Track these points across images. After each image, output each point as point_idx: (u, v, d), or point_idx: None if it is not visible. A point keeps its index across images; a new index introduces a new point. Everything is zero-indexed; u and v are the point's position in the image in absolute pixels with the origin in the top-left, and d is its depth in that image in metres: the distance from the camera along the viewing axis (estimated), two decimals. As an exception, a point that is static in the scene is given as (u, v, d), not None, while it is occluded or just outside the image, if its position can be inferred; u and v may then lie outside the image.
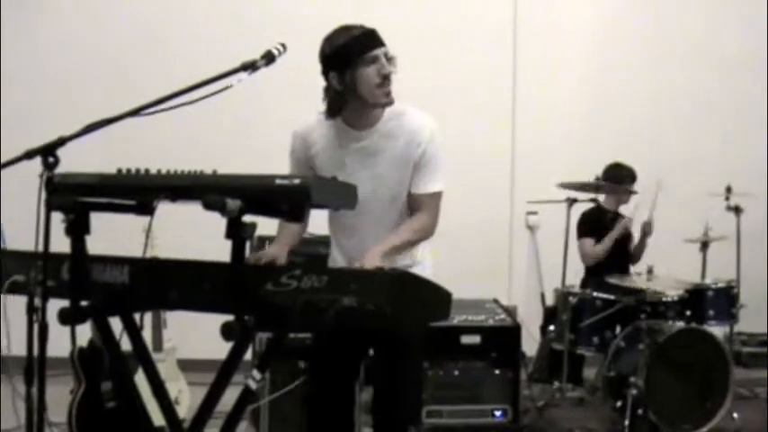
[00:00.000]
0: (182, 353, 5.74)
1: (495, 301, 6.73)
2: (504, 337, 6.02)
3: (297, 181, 2.79)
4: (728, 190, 6.81)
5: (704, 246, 6.65)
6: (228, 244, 2.86)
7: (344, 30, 3.63)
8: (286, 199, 2.82)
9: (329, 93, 3.68)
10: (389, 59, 3.62)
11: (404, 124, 3.74)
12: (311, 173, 3.75)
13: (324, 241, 4.26)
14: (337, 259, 3.93)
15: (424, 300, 3.07)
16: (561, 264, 6.44)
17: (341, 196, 3.02)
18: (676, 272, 6.44)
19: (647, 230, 6.85)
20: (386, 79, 3.62)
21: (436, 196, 3.81)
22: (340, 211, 3.72)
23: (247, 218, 2.82)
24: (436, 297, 3.17)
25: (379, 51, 3.60)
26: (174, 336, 5.63)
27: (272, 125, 5.37)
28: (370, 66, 3.59)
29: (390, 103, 3.69)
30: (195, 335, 4.91)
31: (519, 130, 7.99)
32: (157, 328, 5.52)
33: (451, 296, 3.23)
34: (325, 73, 3.65)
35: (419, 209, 3.79)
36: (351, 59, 3.58)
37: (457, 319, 6.02)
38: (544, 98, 7.96)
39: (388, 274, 2.92)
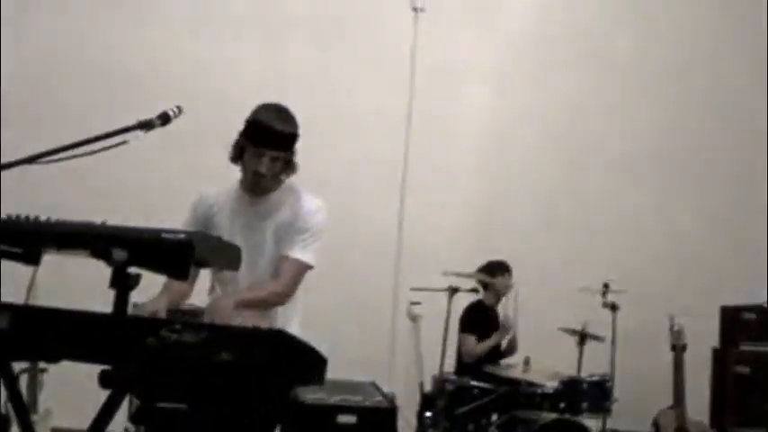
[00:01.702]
0: (57, 420, 5.75)
1: (373, 384, 6.92)
2: (379, 418, 6.19)
3: (182, 236, 2.94)
4: (606, 286, 7.17)
5: (581, 340, 6.98)
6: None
7: (265, 110, 4.02)
8: (170, 253, 2.98)
9: (239, 142, 4.02)
10: (275, 160, 3.98)
11: (295, 197, 4.12)
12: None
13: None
14: None
15: (299, 361, 3.22)
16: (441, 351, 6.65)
17: (225, 256, 3.21)
18: (553, 364, 6.72)
19: (512, 348, 7.27)
20: (256, 176, 4.00)
21: (302, 266, 4.07)
22: (222, 272, 3.96)
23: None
24: (312, 360, 3.33)
25: (265, 152, 3.97)
26: (50, 400, 5.64)
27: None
28: (253, 157, 3.99)
29: (260, 194, 4.08)
30: (73, 401, 4.93)
31: (406, 220, 8.25)
32: (32, 388, 5.52)
33: (327, 362, 3.39)
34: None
35: (281, 272, 4.04)
36: (247, 141, 3.98)
37: (334, 398, 6.18)
38: (433, 190, 8.27)
39: (266, 331, 3.08)
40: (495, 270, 7.28)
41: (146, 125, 3.19)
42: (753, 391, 7.80)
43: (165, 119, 3.29)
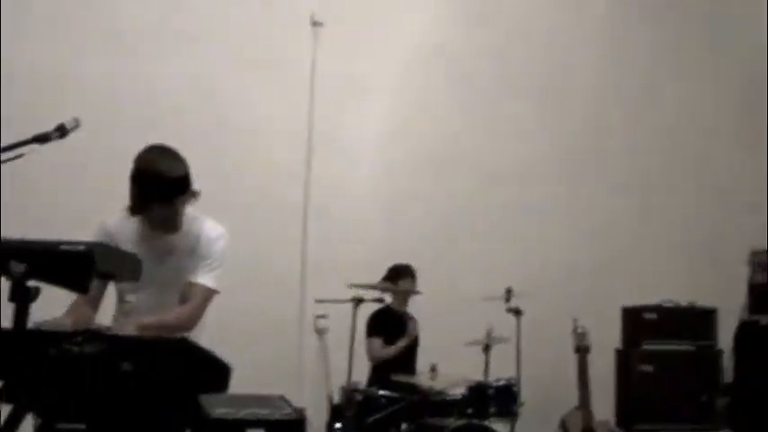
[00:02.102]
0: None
1: (282, 397, 6.95)
2: (289, 430, 6.23)
3: (81, 247, 2.98)
4: (509, 292, 7.34)
5: (486, 347, 7.12)
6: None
7: (156, 158, 4.01)
8: (70, 265, 3.01)
9: (132, 194, 4.00)
10: (181, 202, 4.05)
11: (197, 226, 4.20)
12: None
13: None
14: None
15: (203, 369, 3.28)
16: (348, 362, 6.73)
17: (126, 266, 3.26)
18: (460, 370, 6.85)
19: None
20: (166, 222, 4.10)
21: (208, 292, 4.16)
22: (126, 298, 3.98)
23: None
24: (215, 368, 3.39)
25: (174, 200, 4.03)
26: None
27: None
28: (160, 208, 4.03)
29: (171, 232, 4.14)
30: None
31: (311, 234, 8.33)
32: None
33: (231, 370, 3.46)
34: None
35: (188, 298, 4.13)
36: (149, 196, 3.99)
37: (242, 412, 6.20)
38: (336, 203, 8.37)
39: (166, 340, 3.14)
40: (399, 274, 7.43)
41: (42, 138, 3.22)
42: (657, 388, 8.05)
43: (62, 131, 3.32)
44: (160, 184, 3.95)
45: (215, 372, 3.39)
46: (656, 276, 8.82)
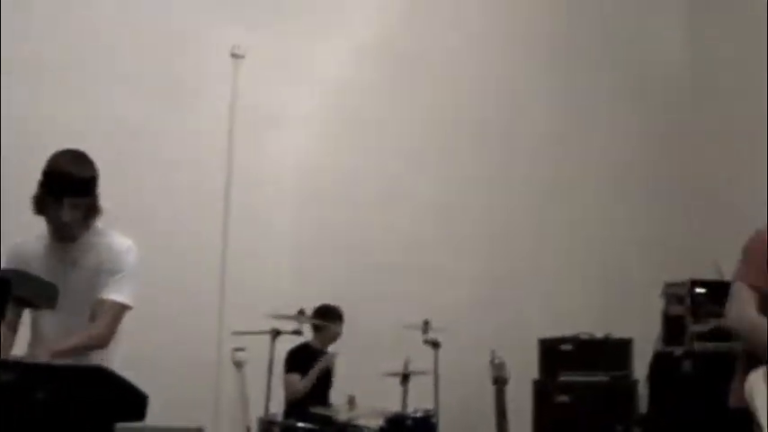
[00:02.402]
0: None
1: (200, 429, 6.96)
2: (206, 463, 6.25)
3: (-4, 274, 3.01)
4: (426, 324, 7.44)
5: (404, 378, 7.21)
6: None
7: (60, 157, 4.08)
8: (-15, 292, 3.05)
9: (39, 193, 4.06)
10: (75, 206, 4.04)
11: (104, 239, 4.20)
12: None
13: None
14: None
15: (119, 397, 3.31)
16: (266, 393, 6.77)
17: (42, 292, 3.29)
18: (378, 402, 6.92)
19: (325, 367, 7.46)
20: (59, 225, 4.07)
21: (119, 307, 4.14)
22: (39, 322, 3.99)
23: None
24: (131, 396, 3.42)
25: (65, 199, 4.02)
26: None
27: None
28: (53, 207, 4.04)
29: (68, 241, 4.14)
30: None
31: (229, 265, 8.35)
32: None
33: (147, 398, 3.49)
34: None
35: (99, 315, 4.10)
36: (45, 191, 4.04)
37: (159, 446, 6.20)
38: (255, 236, 8.41)
39: (81, 367, 3.16)
40: (329, 316, 7.51)
41: None
42: (573, 419, 8.17)
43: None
44: (67, 182, 3.98)
45: (131, 400, 3.41)
46: (573, 309, 9.01)
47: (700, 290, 8.23)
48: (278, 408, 7.02)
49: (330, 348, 7.67)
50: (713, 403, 4.31)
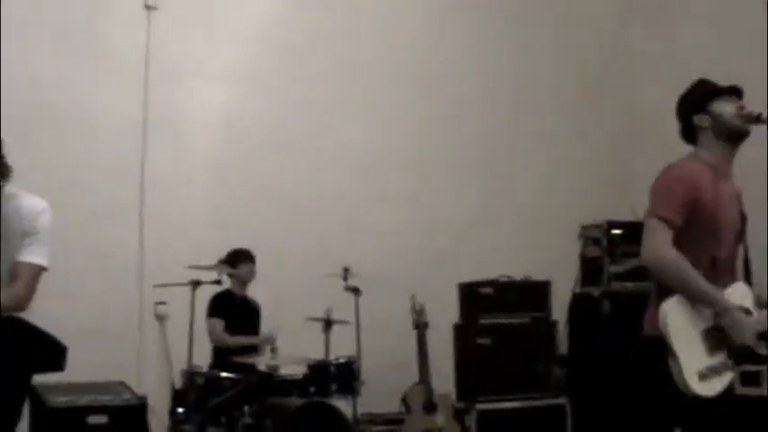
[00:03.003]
0: None
1: (122, 383, 7.04)
2: (130, 416, 6.34)
3: None
4: (346, 271, 7.57)
5: (327, 325, 7.34)
6: None
7: None
8: None
9: None
10: None
11: (15, 202, 4.18)
12: None
13: None
14: None
15: (35, 348, 3.37)
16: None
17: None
18: (300, 349, 7.04)
19: (268, 341, 7.50)
20: None
21: (36, 268, 4.14)
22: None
23: None
24: (51, 346, 3.49)
25: None
26: None
27: None
28: None
29: None
30: None
31: (147, 220, 8.38)
32: None
33: (66, 349, 3.56)
34: None
35: (17, 278, 4.09)
36: None
37: (83, 400, 6.27)
38: (172, 189, 8.48)
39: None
40: (238, 258, 7.59)
41: None
42: (495, 361, 8.37)
43: None
44: None
45: (48, 350, 3.47)
46: (492, 253, 9.19)
47: (616, 231, 8.43)
48: (201, 360, 7.09)
49: (252, 290, 7.73)
50: (631, 339, 4.47)
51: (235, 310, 7.58)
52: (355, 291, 7.67)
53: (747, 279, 4.44)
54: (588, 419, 8.18)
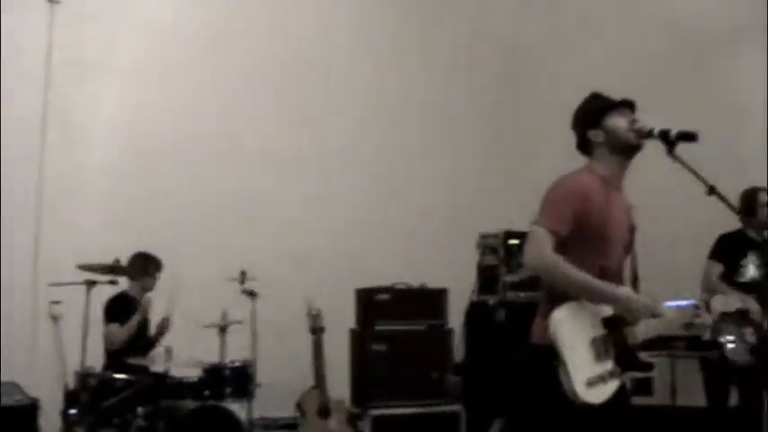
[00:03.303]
0: None
1: (14, 383, 6.96)
2: (20, 417, 6.27)
3: None
4: (243, 275, 7.60)
5: (223, 329, 7.36)
6: None
7: None
8: None
9: None
10: None
11: None
12: None
13: None
14: None
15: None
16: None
17: None
18: (195, 352, 7.05)
19: (164, 327, 7.46)
20: None
21: None
22: None
23: None
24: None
25: None
26: None
27: None
28: None
29: None
30: None
31: (44, 218, 8.30)
32: None
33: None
34: None
35: None
36: None
37: (-28, 400, 6.20)
38: (71, 186, 8.39)
39: None
40: (143, 264, 7.52)
41: None
42: (390, 367, 8.47)
43: None
44: None
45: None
46: (391, 259, 9.31)
47: (513, 241, 8.58)
48: (95, 360, 7.04)
49: (147, 296, 7.69)
50: (524, 348, 4.57)
51: (129, 314, 7.50)
52: (252, 294, 7.69)
53: (634, 290, 4.58)
54: (483, 427, 8.30)
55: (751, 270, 6.86)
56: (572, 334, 4.22)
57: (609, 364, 4.29)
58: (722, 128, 8.55)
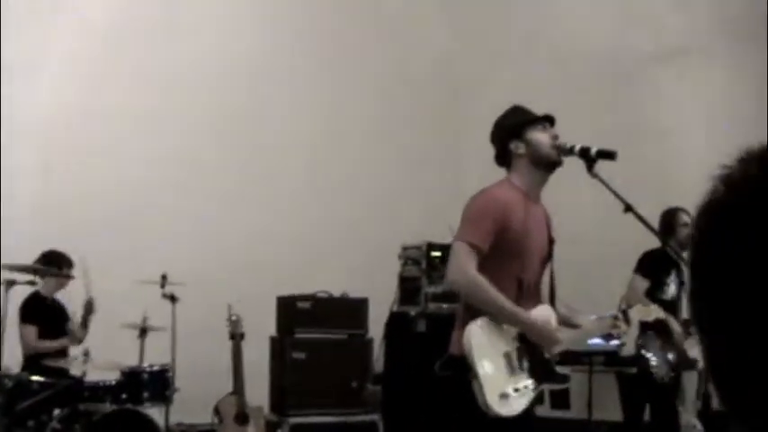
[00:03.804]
0: None
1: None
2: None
3: None
4: (164, 278, 7.60)
5: (142, 332, 7.35)
6: None
7: None
8: None
9: None
10: None
11: None
12: None
13: None
14: None
15: None
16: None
17: None
18: (114, 356, 7.03)
19: (89, 308, 7.43)
20: None
21: None
22: None
23: None
24: None
25: None
26: None
27: None
28: None
29: None
30: None
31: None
32: None
33: None
34: None
35: None
36: None
37: None
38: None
39: None
40: (54, 261, 7.48)
41: None
42: (309, 375, 8.52)
43: None
44: None
45: None
46: (315, 268, 9.38)
47: (435, 253, 8.67)
48: (12, 362, 6.99)
49: (65, 294, 7.65)
50: (442, 358, 4.65)
51: (46, 314, 7.50)
52: (172, 298, 7.69)
53: (552, 301, 4.70)
54: (400, 436, 8.39)
55: (672, 288, 7.05)
56: (487, 346, 4.31)
57: (523, 377, 4.40)
58: (645, 149, 8.77)
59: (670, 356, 6.74)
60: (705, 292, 0.96)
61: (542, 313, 4.61)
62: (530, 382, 4.42)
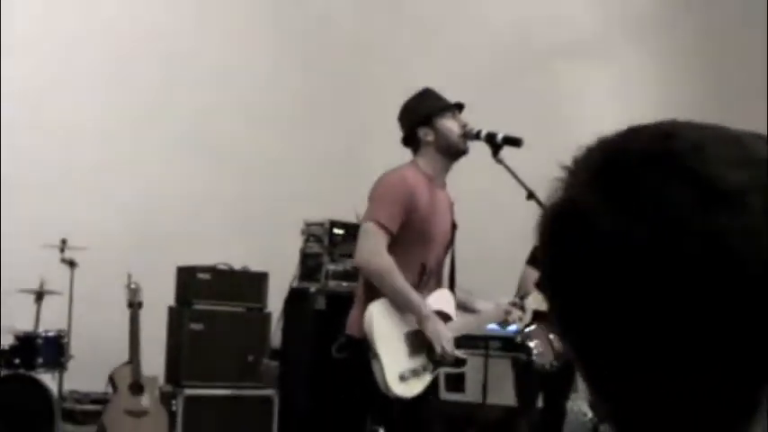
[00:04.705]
0: None
1: None
2: None
3: None
4: (64, 242, 7.52)
5: (39, 296, 7.27)
6: None
7: None
8: None
9: None
10: None
11: None
12: None
13: None
14: None
15: None
16: None
17: None
18: (9, 320, 6.97)
19: None
20: None
21: None
22: None
23: None
24: None
25: None
26: None
27: None
28: None
29: None
30: None
31: None
32: None
33: None
34: None
35: None
36: None
37: None
38: None
39: None
40: None
41: None
42: (206, 346, 8.51)
43: None
44: None
45: None
46: (215, 240, 9.36)
47: (338, 231, 8.71)
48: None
49: None
50: (340, 337, 4.69)
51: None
52: (71, 264, 7.63)
53: (451, 286, 4.79)
54: (296, 413, 8.42)
55: None
56: (387, 327, 4.39)
57: (422, 359, 4.48)
58: (552, 138, 8.94)
59: (557, 345, 6.83)
60: (559, 291, 1.00)
61: (442, 297, 4.70)
62: (428, 364, 4.50)
